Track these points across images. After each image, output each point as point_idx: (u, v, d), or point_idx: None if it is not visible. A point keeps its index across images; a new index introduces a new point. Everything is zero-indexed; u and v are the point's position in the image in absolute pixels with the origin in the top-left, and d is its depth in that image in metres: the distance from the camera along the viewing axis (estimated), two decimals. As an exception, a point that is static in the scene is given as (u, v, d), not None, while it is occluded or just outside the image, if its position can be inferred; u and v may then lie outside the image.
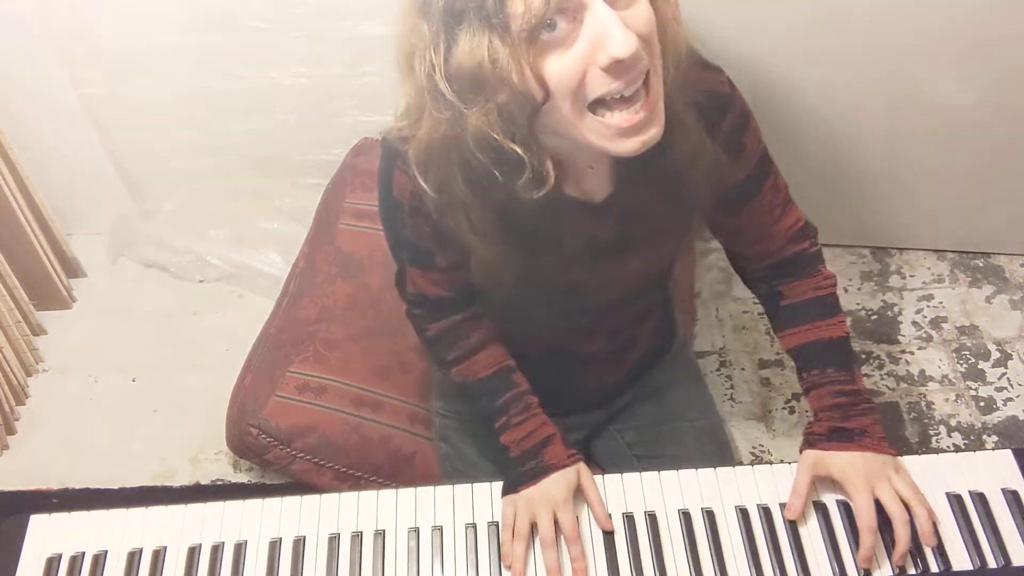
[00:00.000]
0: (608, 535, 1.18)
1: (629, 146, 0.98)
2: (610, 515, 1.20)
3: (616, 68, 0.92)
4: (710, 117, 1.14)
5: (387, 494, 1.22)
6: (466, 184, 1.06)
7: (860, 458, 1.20)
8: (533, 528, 1.19)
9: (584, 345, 1.41)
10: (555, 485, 1.21)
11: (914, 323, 2.24)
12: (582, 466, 1.25)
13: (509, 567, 1.16)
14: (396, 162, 1.14)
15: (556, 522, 1.18)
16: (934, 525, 1.16)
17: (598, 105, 0.96)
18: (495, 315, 1.35)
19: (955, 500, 1.19)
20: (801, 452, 1.24)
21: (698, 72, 1.11)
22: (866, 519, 1.15)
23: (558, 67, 0.93)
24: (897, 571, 1.14)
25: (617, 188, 1.15)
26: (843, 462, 1.20)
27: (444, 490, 1.22)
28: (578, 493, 1.22)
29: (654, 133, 0.98)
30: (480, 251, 1.15)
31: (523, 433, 1.27)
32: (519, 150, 0.99)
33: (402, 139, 1.10)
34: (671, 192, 1.17)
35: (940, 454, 1.26)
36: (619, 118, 0.96)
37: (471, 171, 1.04)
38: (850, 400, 1.26)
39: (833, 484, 1.21)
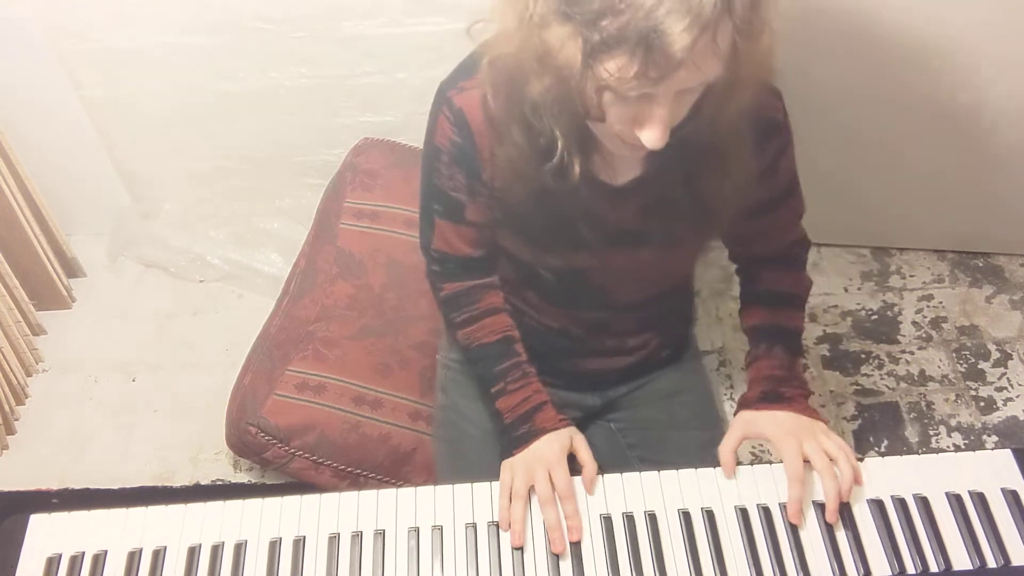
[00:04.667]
0: (609, 535, 1.18)
1: (630, 155, 1.10)
2: (600, 473, 1.23)
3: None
4: (756, 139, 1.19)
5: (387, 494, 1.22)
6: (520, 124, 1.12)
7: (788, 416, 1.26)
8: (530, 491, 1.21)
9: (588, 337, 1.44)
10: (548, 446, 1.25)
11: (914, 323, 2.24)
12: (573, 430, 1.29)
13: (507, 529, 1.18)
14: (443, 108, 1.20)
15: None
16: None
17: None
18: (510, 285, 1.40)
19: (955, 500, 1.19)
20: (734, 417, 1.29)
21: (763, 95, 1.17)
22: (793, 469, 1.18)
23: (609, 107, 1.00)
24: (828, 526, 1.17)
25: (641, 177, 1.20)
26: (772, 420, 1.26)
27: (444, 490, 1.22)
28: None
29: (659, 149, 1.04)
30: (509, 197, 1.21)
31: (517, 400, 1.32)
32: (559, 137, 1.09)
33: (458, 88, 1.18)
34: (695, 196, 1.21)
35: (940, 454, 1.26)
36: (632, 142, 1.04)
37: (524, 119, 1.11)
38: (787, 375, 1.32)
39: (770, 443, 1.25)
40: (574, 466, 1.25)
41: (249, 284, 2.35)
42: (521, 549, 1.16)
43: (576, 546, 1.17)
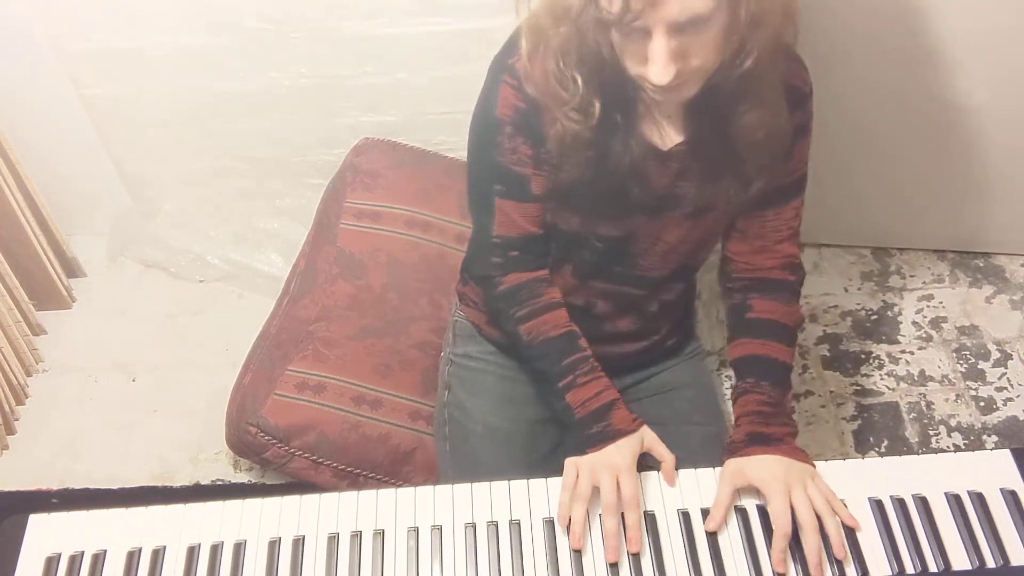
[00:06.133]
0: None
1: (657, 96, 1.12)
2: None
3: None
4: (787, 106, 1.21)
5: (386, 494, 1.22)
6: (554, 78, 1.16)
7: (777, 462, 1.21)
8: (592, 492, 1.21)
9: (611, 314, 1.45)
10: (619, 452, 1.24)
11: (914, 323, 2.24)
12: (645, 429, 1.29)
13: (566, 528, 1.17)
14: (504, 76, 1.22)
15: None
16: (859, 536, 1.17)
17: None
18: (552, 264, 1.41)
19: (954, 500, 1.19)
20: (723, 463, 1.25)
21: (789, 62, 1.21)
22: (781, 523, 1.15)
23: (619, 44, 1.07)
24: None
25: (686, 141, 1.22)
26: (760, 466, 1.21)
27: (443, 490, 1.22)
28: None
29: (682, 96, 1.11)
30: (567, 160, 1.23)
31: (589, 393, 1.30)
32: (580, 82, 1.12)
33: (518, 55, 1.18)
34: (731, 164, 1.23)
35: (939, 454, 1.27)
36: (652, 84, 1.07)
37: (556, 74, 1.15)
38: (774, 411, 1.28)
39: (756, 492, 1.21)
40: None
41: (249, 284, 2.35)
42: (520, 550, 1.17)
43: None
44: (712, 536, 1.17)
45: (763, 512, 1.19)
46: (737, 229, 1.39)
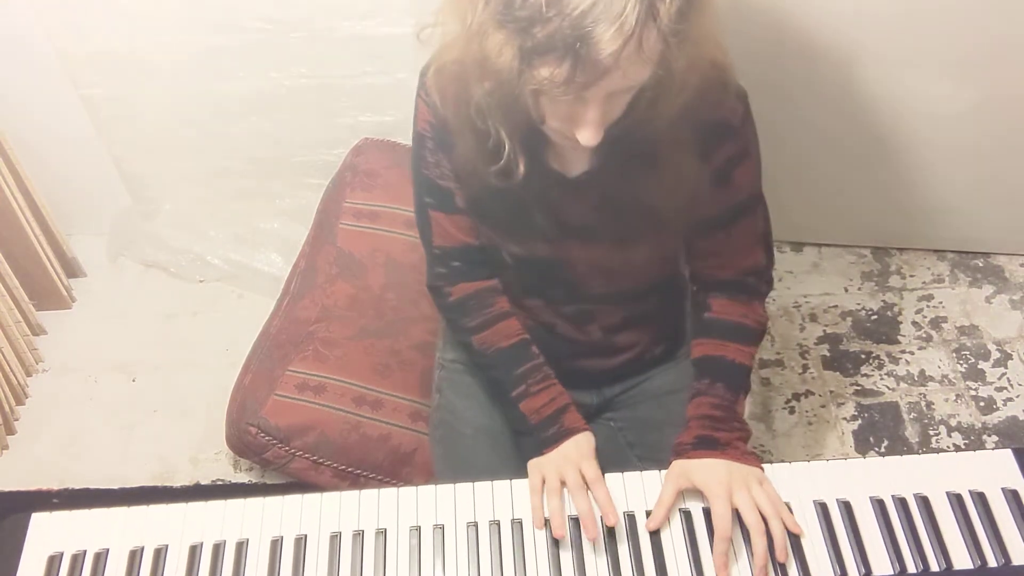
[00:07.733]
0: (610, 533, 1.18)
1: (575, 149, 1.13)
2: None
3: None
4: (708, 142, 1.20)
5: (388, 493, 1.22)
6: (469, 127, 1.17)
7: (722, 465, 1.21)
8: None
9: (575, 333, 1.45)
10: (576, 446, 1.28)
11: (914, 323, 2.24)
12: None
13: (540, 527, 1.18)
14: (420, 92, 1.25)
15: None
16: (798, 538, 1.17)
17: None
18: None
19: (955, 499, 1.19)
20: (669, 464, 1.25)
21: (716, 95, 1.17)
22: (721, 527, 1.16)
23: (543, 103, 1.05)
24: None
25: (592, 169, 1.22)
26: (705, 469, 1.21)
27: (445, 489, 1.22)
28: None
29: (593, 145, 1.08)
30: (468, 188, 1.27)
31: (543, 401, 1.33)
32: (505, 139, 1.14)
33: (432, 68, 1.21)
34: (639, 194, 1.23)
35: (940, 454, 1.27)
36: (572, 139, 1.08)
37: (472, 122, 1.16)
38: (725, 415, 1.29)
39: (699, 494, 1.21)
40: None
41: (249, 284, 2.35)
42: (523, 549, 1.17)
43: (578, 545, 1.17)
44: (715, 535, 1.17)
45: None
46: (691, 251, 1.39)
